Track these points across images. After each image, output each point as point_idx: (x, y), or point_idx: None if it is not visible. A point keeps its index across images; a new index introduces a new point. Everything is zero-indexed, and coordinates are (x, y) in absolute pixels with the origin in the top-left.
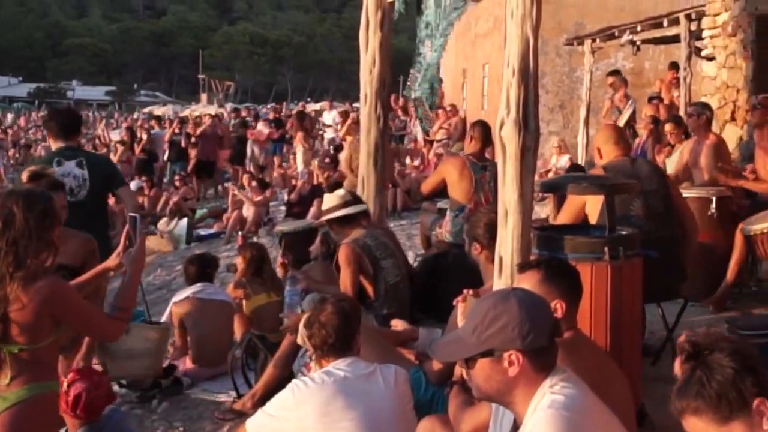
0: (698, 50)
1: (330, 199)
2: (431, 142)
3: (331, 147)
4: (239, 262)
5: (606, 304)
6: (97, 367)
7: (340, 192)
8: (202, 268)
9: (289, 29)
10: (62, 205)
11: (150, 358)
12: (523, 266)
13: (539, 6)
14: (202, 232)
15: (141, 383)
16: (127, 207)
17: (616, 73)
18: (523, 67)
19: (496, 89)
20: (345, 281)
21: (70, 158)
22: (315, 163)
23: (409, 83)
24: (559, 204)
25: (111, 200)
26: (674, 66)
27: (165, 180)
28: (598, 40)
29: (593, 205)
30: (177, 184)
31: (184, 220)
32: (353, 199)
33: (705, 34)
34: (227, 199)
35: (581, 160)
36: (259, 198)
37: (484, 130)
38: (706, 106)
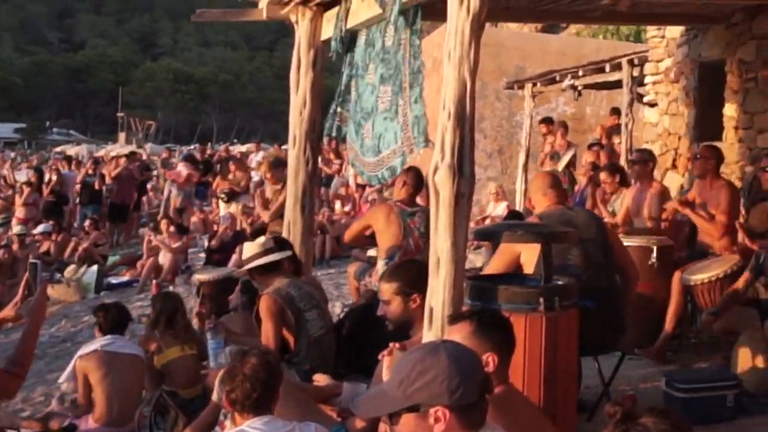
0: (640, 96)
1: (250, 248)
2: (363, 187)
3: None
4: (151, 312)
5: (540, 356)
6: None
7: (261, 239)
8: (113, 319)
9: (216, 66)
10: None
11: None
12: (454, 318)
13: (477, 48)
14: (114, 280)
15: None
16: None
17: (548, 120)
18: (459, 110)
19: (433, 133)
20: (267, 334)
21: None
22: (238, 207)
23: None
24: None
25: (14, 246)
26: (615, 111)
27: (75, 224)
28: (538, 84)
29: (529, 254)
30: (88, 228)
31: (94, 268)
32: (276, 245)
33: (647, 80)
34: (142, 245)
35: (519, 207)
36: (176, 244)
37: (416, 176)
38: (651, 154)
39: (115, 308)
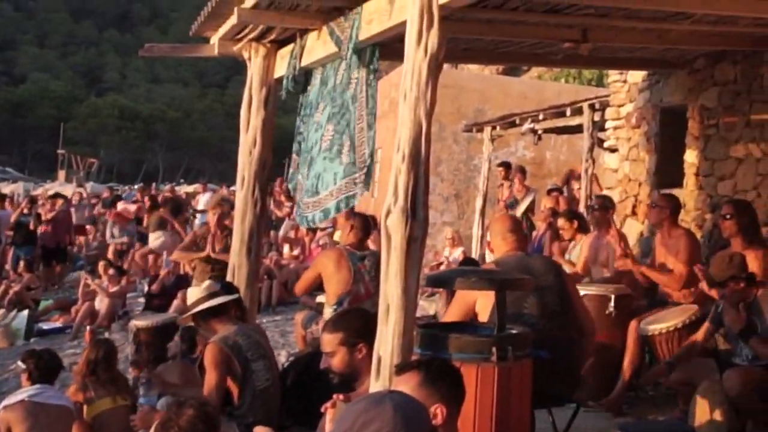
0: (601, 141)
1: (194, 293)
2: (314, 231)
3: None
4: (83, 360)
5: (492, 408)
6: None
7: (206, 283)
8: (42, 367)
9: (165, 103)
10: None
11: None
12: (401, 367)
13: (434, 88)
14: (45, 326)
15: None
16: None
17: (506, 165)
18: (414, 152)
19: (388, 176)
20: (210, 384)
21: None
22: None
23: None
24: (450, 300)
25: None
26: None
27: (7, 266)
28: (498, 127)
29: (484, 302)
30: (21, 271)
31: (25, 312)
32: (222, 289)
33: (608, 124)
34: (78, 288)
35: (475, 254)
36: (114, 288)
37: (364, 221)
38: (611, 201)
39: (46, 355)
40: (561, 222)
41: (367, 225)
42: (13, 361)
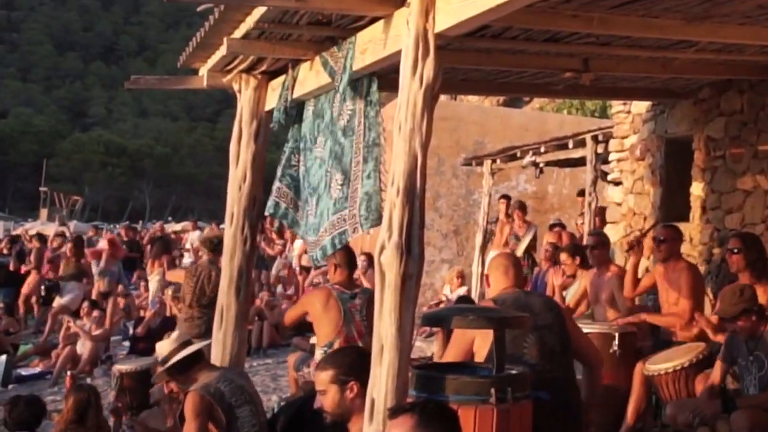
0: (604, 174)
1: (163, 347)
2: (308, 270)
3: None
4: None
5: None
6: None
7: (174, 334)
8: (26, 415)
9: (152, 138)
10: None
11: None
12: (395, 411)
13: (430, 120)
14: (24, 371)
15: None
16: None
17: (506, 197)
18: (409, 186)
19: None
20: None
21: None
22: (169, 292)
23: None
24: (447, 340)
25: None
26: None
27: None
28: (498, 160)
29: (482, 341)
30: None
31: (2, 358)
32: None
33: (612, 157)
34: (59, 332)
35: (475, 292)
36: (98, 331)
37: (346, 255)
38: (606, 236)
39: (24, 402)
40: (563, 257)
41: (351, 259)
42: None
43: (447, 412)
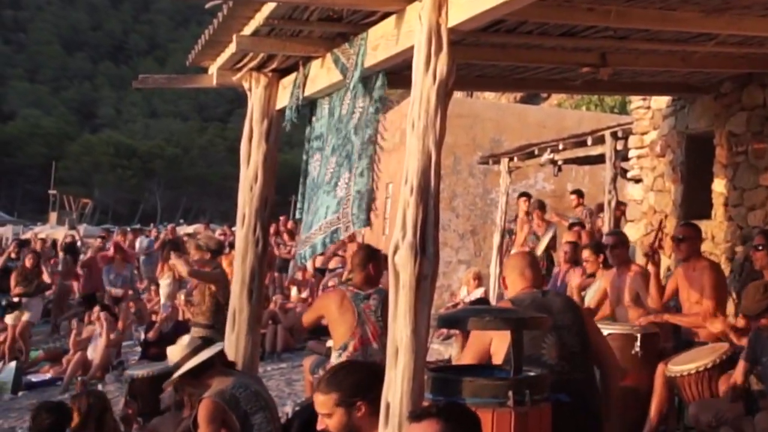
0: (624, 171)
1: (174, 352)
2: (322, 272)
3: None
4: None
5: None
6: None
7: (184, 340)
8: (48, 422)
9: (163, 139)
10: None
11: None
12: (419, 414)
13: (444, 117)
14: (34, 378)
15: None
16: None
17: (526, 195)
18: (423, 184)
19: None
20: None
21: None
22: (181, 296)
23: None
24: (465, 343)
25: None
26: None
27: None
28: (515, 158)
29: (500, 343)
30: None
31: (13, 364)
32: (203, 342)
33: (632, 153)
34: (69, 338)
35: (493, 293)
36: (112, 335)
37: (365, 255)
38: (625, 235)
39: (46, 410)
40: (586, 254)
41: (370, 259)
42: (0, 416)
43: (471, 416)
